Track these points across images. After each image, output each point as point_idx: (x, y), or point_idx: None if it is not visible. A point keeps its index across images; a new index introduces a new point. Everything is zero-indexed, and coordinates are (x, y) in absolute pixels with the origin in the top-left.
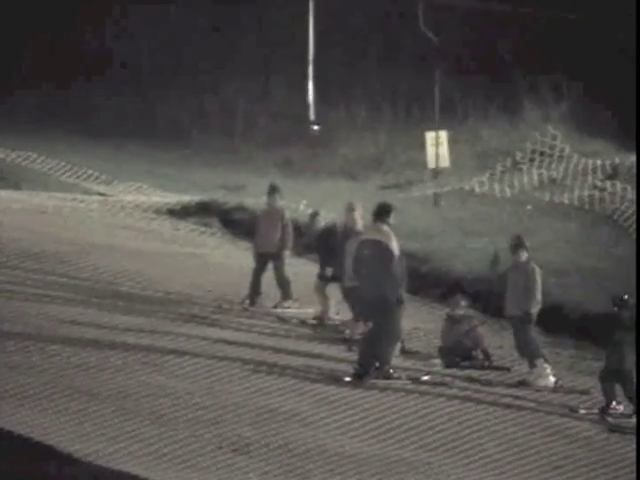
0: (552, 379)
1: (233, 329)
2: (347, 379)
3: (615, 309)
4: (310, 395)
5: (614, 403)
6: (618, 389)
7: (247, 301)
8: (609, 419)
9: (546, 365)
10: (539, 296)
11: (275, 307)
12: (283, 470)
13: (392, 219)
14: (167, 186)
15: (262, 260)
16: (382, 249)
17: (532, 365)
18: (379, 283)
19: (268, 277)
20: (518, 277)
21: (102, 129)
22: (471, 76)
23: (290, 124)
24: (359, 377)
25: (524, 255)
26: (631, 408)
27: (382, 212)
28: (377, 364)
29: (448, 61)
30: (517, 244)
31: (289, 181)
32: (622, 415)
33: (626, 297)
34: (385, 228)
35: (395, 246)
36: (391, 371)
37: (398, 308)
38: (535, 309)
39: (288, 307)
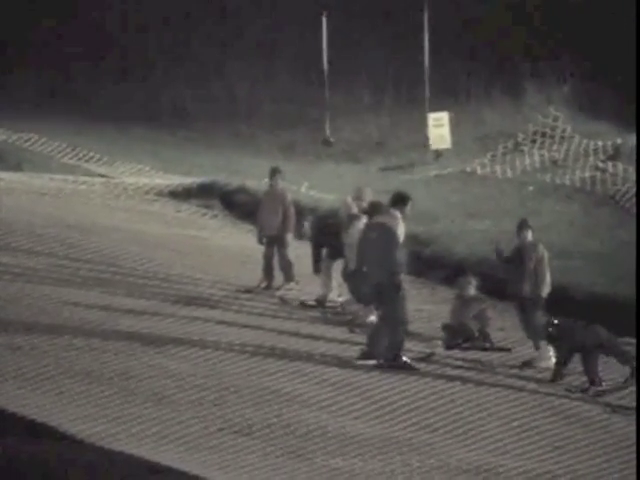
0: (554, 360)
1: (235, 311)
2: (359, 361)
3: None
4: (312, 377)
5: (595, 384)
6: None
7: (262, 285)
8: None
9: (549, 347)
10: (549, 278)
11: (278, 289)
12: (285, 451)
13: (408, 209)
14: (169, 168)
15: (268, 243)
16: (387, 233)
17: (537, 347)
18: (382, 267)
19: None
20: (525, 259)
21: (104, 111)
22: (473, 58)
23: (293, 108)
24: (365, 357)
25: (529, 235)
26: (627, 373)
27: (398, 200)
28: (390, 353)
29: (451, 43)
30: (521, 225)
31: (292, 164)
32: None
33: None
34: (396, 214)
35: (401, 232)
36: (406, 360)
37: (397, 293)
38: (545, 291)
39: (291, 289)
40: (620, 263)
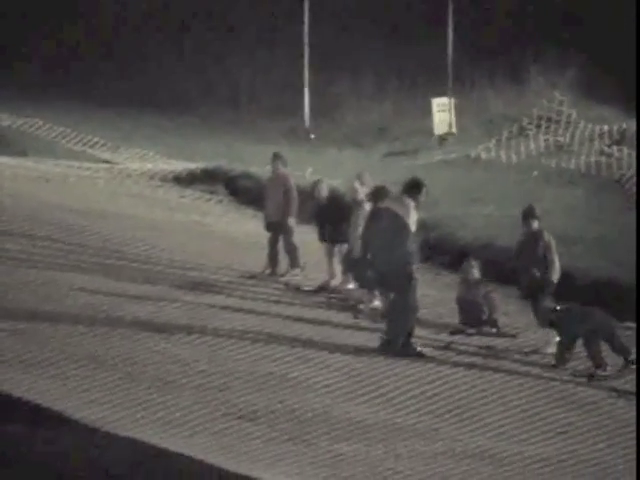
0: None
1: (239, 297)
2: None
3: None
4: (316, 362)
5: (601, 368)
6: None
7: (267, 271)
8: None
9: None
10: (558, 264)
11: (283, 276)
12: (289, 436)
13: (422, 197)
14: (173, 154)
15: (273, 229)
16: (397, 221)
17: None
18: (391, 256)
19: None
20: (533, 246)
21: (109, 97)
22: (478, 43)
23: (295, 94)
24: (384, 346)
25: (535, 224)
26: (621, 364)
27: (413, 187)
28: (402, 340)
29: (455, 29)
30: (527, 214)
31: (295, 150)
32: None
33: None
34: (409, 202)
35: (413, 221)
36: (420, 349)
37: (409, 283)
38: (555, 277)
39: (296, 275)
40: (624, 248)
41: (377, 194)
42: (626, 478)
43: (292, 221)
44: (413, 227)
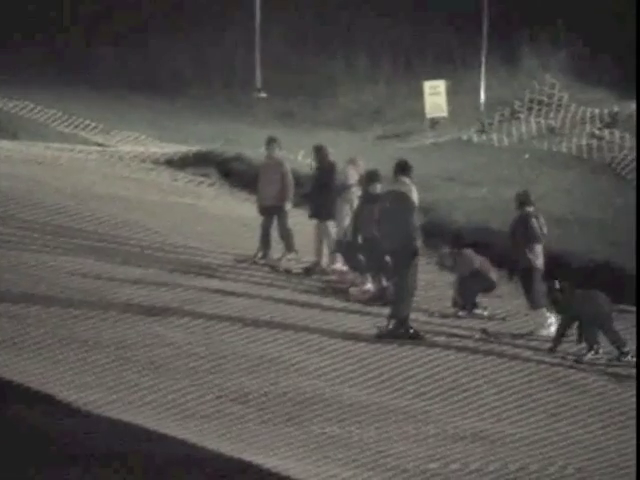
0: (553, 329)
1: (231, 280)
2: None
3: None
4: (309, 345)
5: (593, 350)
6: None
7: (259, 254)
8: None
9: (548, 314)
10: (538, 248)
11: (279, 260)
12: (282, 419)
13: (412, 175)
14: (165, 136)
15: (267, 213)
16: (402, 199)
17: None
18: (398, 235)
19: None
20: (527, 231)
21: (101, 79)
22: (470, 26)
23: (290, 75)
24: (384, 332)
25: (530, 209)
26: (614, 354)
27: (403, 167)
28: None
29: (446, 11)
30: (523, 200)
31: (289, 132)
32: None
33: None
34: (406, 180)
35: (415, 197)
36: (411, 330)
37: (413, 259)
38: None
39: (291, 260)
40: (617, 230)
41: (369, 178)
42: (619, 459)
43: (288, 206)
44: (416, 202)
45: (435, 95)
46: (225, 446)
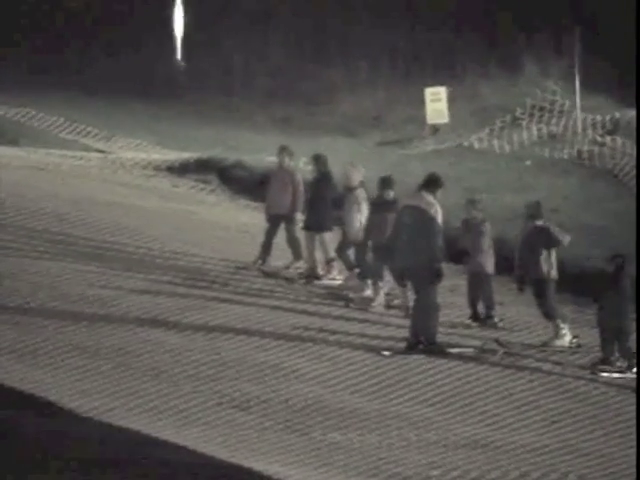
0: (567, 339)
1: (231, 287)
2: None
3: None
4: (310, 352)
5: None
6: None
7: (260, 261)
8: (604, 374)
9: (562, 325)
10: (553, 259)
11: (287, 268)
12: (283, 426)
13: (439, 194)
14: (166, 143)
15: (274, 221)
16: (423, 217)
17: (555, 326)
18: (417, 251)
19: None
20: (538, 243)
21: (102, 86)
22: (470, 32)
23: (289, 81)
24: (409, 348)
25: (540, 222)
26: (625, 365)
27: (430, 183)
28: (422, 339)
29: (447, 17)
30: (534, 213)
31: (288, 139)
32: (617, 371)
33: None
34: (429, 198)
35: (439, 217)
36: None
37: (437, 280)
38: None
39: (298, 268)
40: (617, 237)
41: (383, 184)
42: (620, 467)
43: (299, 215)
44: (440, 222)
45: (436, 102)
46: (226, 453)
